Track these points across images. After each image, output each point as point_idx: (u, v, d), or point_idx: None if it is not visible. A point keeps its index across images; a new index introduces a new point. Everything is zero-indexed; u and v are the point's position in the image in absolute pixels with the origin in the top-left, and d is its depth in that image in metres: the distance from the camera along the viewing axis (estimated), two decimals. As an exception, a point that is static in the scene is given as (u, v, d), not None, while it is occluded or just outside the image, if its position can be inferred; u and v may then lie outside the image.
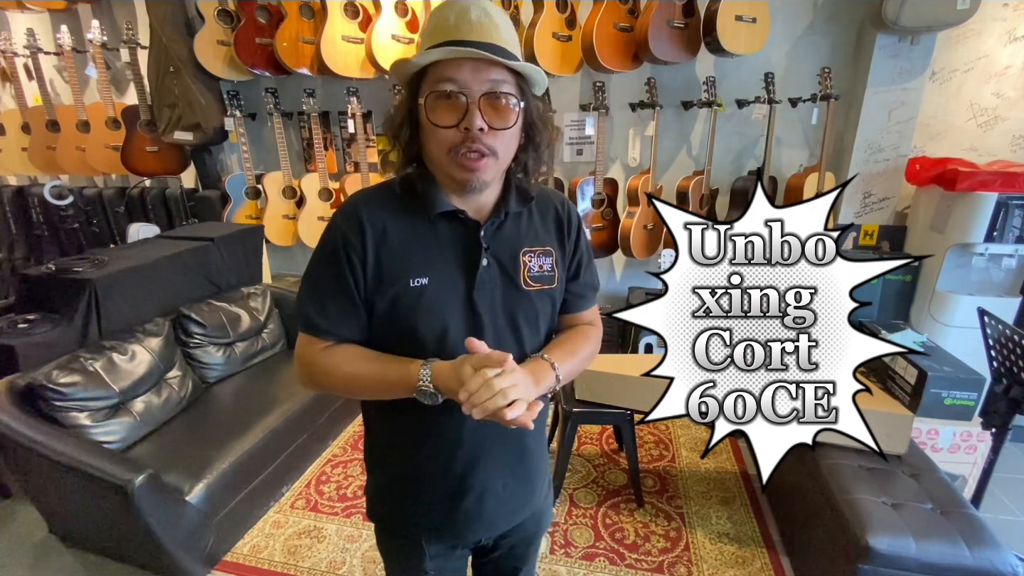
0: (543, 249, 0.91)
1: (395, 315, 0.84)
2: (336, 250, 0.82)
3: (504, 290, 0.87)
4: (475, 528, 0.96)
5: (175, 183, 3.66)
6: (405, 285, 0.82)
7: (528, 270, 0.89)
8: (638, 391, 1.99)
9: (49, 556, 1.95)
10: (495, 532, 1.00)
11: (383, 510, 1.00)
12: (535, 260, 0.90)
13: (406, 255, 0.83)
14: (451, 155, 0.78)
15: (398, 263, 0.83)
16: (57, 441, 1.68)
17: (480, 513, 0.94)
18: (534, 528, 1.07)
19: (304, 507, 2.18)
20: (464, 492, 0.91)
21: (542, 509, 1.07)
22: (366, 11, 2.94)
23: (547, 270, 0.91)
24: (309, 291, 0.87)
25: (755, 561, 1.89)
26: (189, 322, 2.37)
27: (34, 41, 3.40)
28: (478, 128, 0.76)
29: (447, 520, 0.94)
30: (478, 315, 0.85)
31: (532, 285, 0.89)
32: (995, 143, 2.66)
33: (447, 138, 0.77)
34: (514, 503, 0.98)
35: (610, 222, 3.03)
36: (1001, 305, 2.36)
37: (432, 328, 0.84)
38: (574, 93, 3.07)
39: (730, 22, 2.53)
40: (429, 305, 0.83)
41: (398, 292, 0.83)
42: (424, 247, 0.84)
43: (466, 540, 0.99)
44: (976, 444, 2.07)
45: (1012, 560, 1.39)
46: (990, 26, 2.53)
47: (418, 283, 0.83)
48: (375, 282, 0.83)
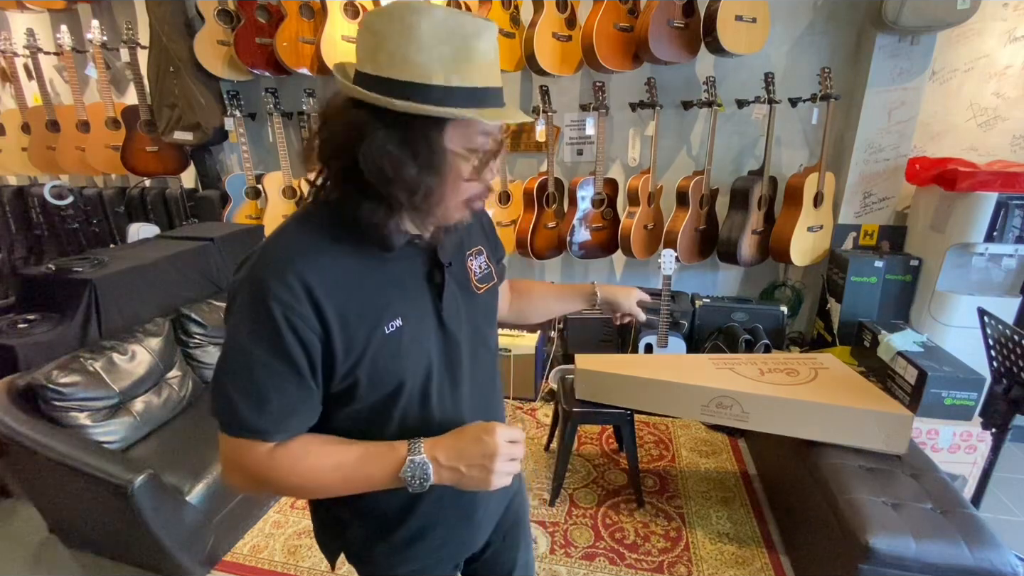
0: (477, 249, 0.89)
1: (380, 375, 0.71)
2: (276, 328, 0.63)
3: (464, 301, 0.82)
4: (484, 530, 0.95)
5: (175, 183, 3.66)
6: (382, 335, 0.70)
7: (474, 274, 0.86)
8: (638, 391, 2.00)
9: (49, 556, 1.95)
10: (493, 525, 0.98)
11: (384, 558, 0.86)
12: (475, 262, 0.88)
13: (370, 301, 0.70)
14: (466, 204, 0.72)
15: (366, 313, 0.69)
16: (57, 441, 1.68)
17: (487, 517, 0.93)
18: (519, 509, 1.07)
19: (304, 507, 2.18)
20: (475, 507, 0.88)
21: (520, 489, 1.08)
22: (366, 11, 2.94)
23: (486, 268, 0.89)
24: (238, 387, 0.66)
25: (755, 561, 1.89)
26: (189, 322, 2.37)
27: (34, 41, 3.40)
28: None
29: (462, 541, 0.91)
30: (451, 336, 0.79)
31: (481, 287, 0.87)
32: (995, 143, 2.66)
33: (471, 188, 0.70)
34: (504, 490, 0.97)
35: (610, 222, 3.03)
36: (1001, 305, 2.36)
37: (418, 370, 0.75)
38: (574, 93, 3.06)
39: (730, 22, 2.53)
40: (410, 345, 0.73)
41: (376, 347, 0.70)
42: (383, 284, 0.72)
43: (473, 548, 0.96)
44: (976, 444, 2.07)
45: (1012, 560, 1.39)
46: (990, 26, 2.53)
47: (393, 327, 0.71)
48: (346, 351, 0.68)
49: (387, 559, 0.85)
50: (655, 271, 3.06)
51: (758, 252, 2.92)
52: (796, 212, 2.74)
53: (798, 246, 2.77)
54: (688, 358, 2.30)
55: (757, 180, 2.80)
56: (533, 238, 3.04)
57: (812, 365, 2.02)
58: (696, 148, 3.06)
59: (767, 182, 2.80)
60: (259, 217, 3.33)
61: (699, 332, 2.90)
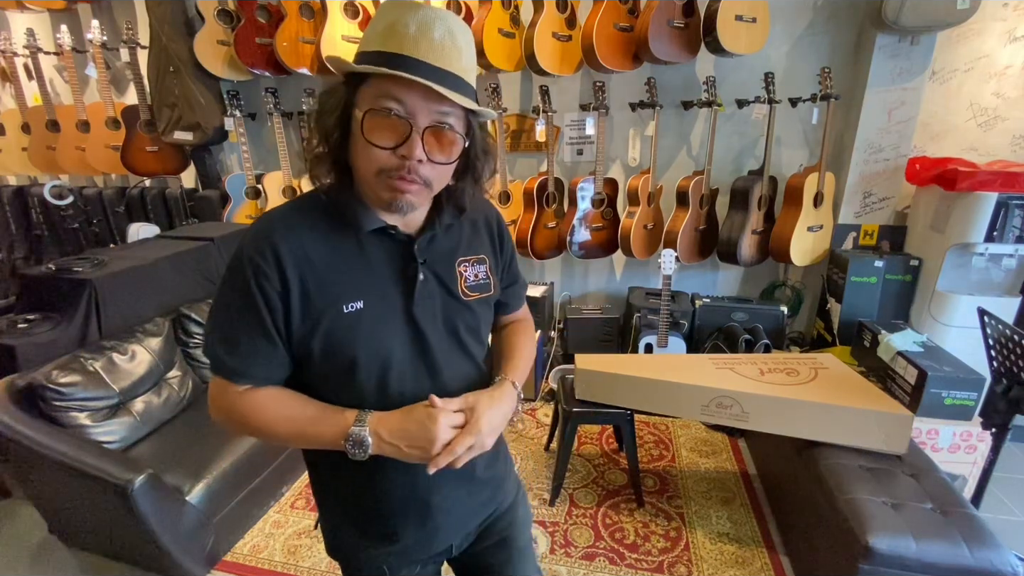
0: (477, 257, 0.90)
1: (332, 349, 0.77)
2: (247, 284, 0.73)
3: (444, 303, 0.84)
4: (445, 537, 0.94)
5: (175, 183, 3.66)
6: (338, 312, 0.76)
7: (465, 280, 0.87)
8: (638, 391, 2.00)
9: (49, 556, 1.95)
10: (465, 532, 0.97)
11: (344, 546, 0.94)
12: (471, 269, 0.88)
13: (335, 279, 0.76)
14: (380, 176, 0.73)
15: (327, 289, 0.75)
16: (57, 441, 1.68)
17: (448, 523, 0.92)
18: (508, 527, 1.02)
19: (304, 507, 2.18)
20: (430, 511, 0.88)
21: (514, 504, 1.04)
22: (366, 11, 2.94)
23: (483, 278, 0.90)
24: (217, 328, 0.78)
25: (755, 561, 1.89)
26: (189, 322, 2.37)
27: (34, 41, 3.40)
28: (417, 159, 0.71)
29: (416, 541, 0.91)
30: (421, 332, 0.81)
31: (470, 295, 0.88)
32: (995, 143, 2.66)
33: (380, 158, 0.71)
34: (479, 500, 0.96)
35: (610, 222, 3.03)
36: (1001, 305, 2.36)
37: (374, 354, 0.78)
38: (574, 93, 3.07)
39: (730, 22, 2.53)
40: (369, 329, 0.77)
41: (332, 321, 0.76)
42: (354, 268, 0.78)
43: (436, 551, 0.95)
44: (976, 444, 2.07)
45: (1012, 560, 1.39)
46: (990, 26, 2.53)
47: (352, 307, 0.76)
48: (302, 316, 0.75)
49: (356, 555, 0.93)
50: (655, 271, 3.06)
51: (758, 252, 2.92)
52: (796, 212, 2.74)
53: (798, 246, 2.77)
54: (688, 358, 2.30)
55: (757, 180, 2.80)
56: (533, 238, 3.04)
57: (812, 365, 2.02)
58: (696, 148, 3.06)
59: (767, 182, 2.80)
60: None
61: (699, 332, 2.90)
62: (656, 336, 2.74)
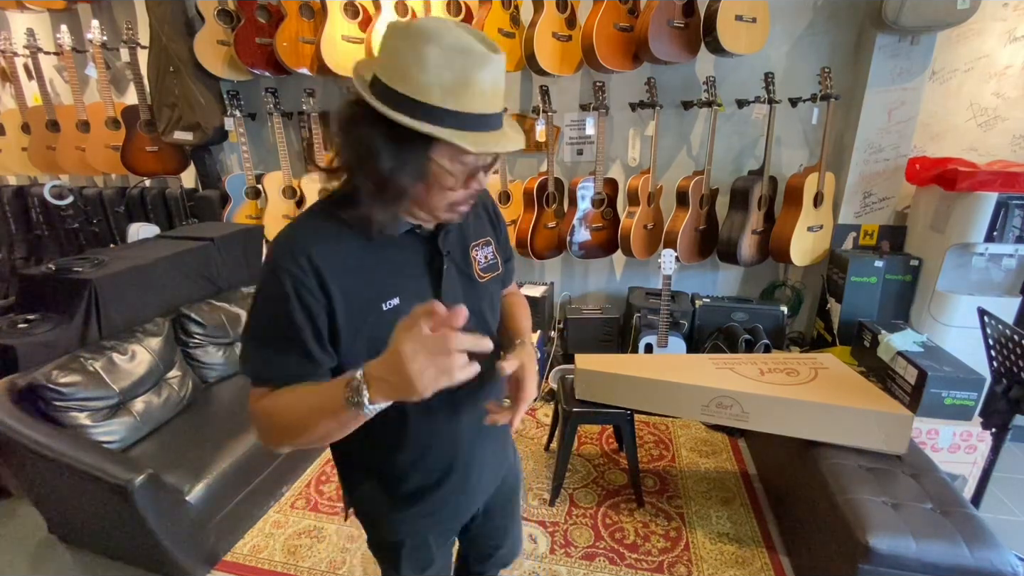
0: (484, 240, 0.97)
1: (378, 346, 0.71)
2: (286, 298, 0.74)
3: (464, 288, 0.90)
4: (477, 501, 1.05)
5: (175, 183, 3.66)
6: (379, 312, 0.80)
7: (479, 264, 0.94)
8: (638, 391, 2.00)
9: (49, 556, 1.95)
10: (487, 496, 1.08)
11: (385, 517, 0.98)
12: (481, 252, 0.95)
13: (369, 281, 0.80)
14: (450, 207, 0.80)
15: (365, 292, 0.79)
16: (57, 441, 1.68)
17: (480, 486, 1.02)
18: (513, 481, 1.16)
19: (304, 507, 2.18)
20: (470, 469, 0.97)
21: (513, 461, 1.16)
22: (366, 11, 2.94)
23: (491, 259, 0.97)
24: (253, 346, 0.79)
25: (755, 561, 1.89)
26: (189, 322, 2.37)
27: (34, 41, 3.40)
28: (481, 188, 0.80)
29: (456, 506, 1.00)
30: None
31: (484, 276, 0.94)
32: (995, 143, 2.66)
33: (454, 196, 0.78)
34: (498, 461, 1.08)
35: (610, 222, 3.03)
36: (1001, 305, 2.36)
37: None
38: (574, 93, 3.06)
39: (730, 22, 2.53)
40: None
41: (374, 321, 0.79)
42: (386, 268, 0.82)
43: (464, 520, 1.06)
44: (976, 444, 2.07)
45: (1012, 560, 1.39)
46: (990, 26, 2.52)
47: (390, 305, 0.81)
48: (347, 321, 0.78)
49: (390, 520, 0.97)
50: (655, 271, 3.06)
51: (758, 252, 2.92)
52: (796, 212, 2.74)
53: (798, 246, 2.77)
54: (688, 358, 2.30)
55: (757, 180, 2.80)
56: (533, 238, 3.04)
57: (812, 365, 2.02)
58: (696, 148, 3.06)
59: (767, 182, 2.80)
60: (259, 217, 3.33)
61: (699, 332, 2.90)
62: (656, 336, 2.74)
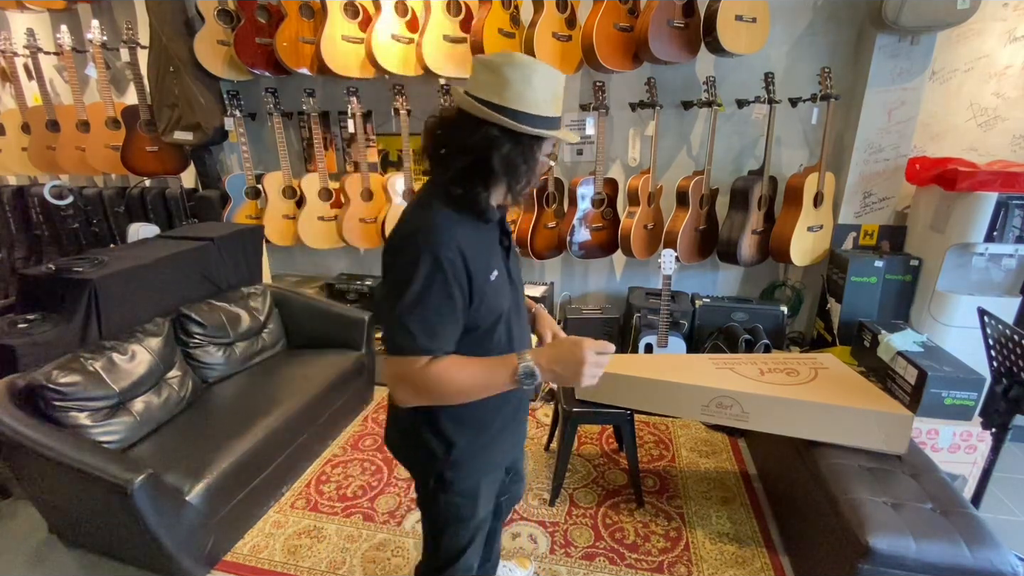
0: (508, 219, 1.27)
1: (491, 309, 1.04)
2: (447, 281, 0.94)
3: (513, 261, 1.15)
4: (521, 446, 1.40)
5: (175, 183, 3.65)
6: (489, 282, 1.02)
7: (512, 239, 1.17)
8: (638, 391, 2.00)
9: (49, 556, 1.95)
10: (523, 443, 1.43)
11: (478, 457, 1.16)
12: (508, 226, 1.18)
13: (484, 258, 1.02)
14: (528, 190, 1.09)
15: (483, 268, 1.01)
16: (57, 441, 1.68)
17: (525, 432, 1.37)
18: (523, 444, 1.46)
19: (304, 507, 2.18)
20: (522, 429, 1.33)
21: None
22: (366, 11, 2.94)
23: (509, 230, 1.18)
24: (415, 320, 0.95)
25: (755, 561, 1.89)
26: (189, 322, 2.37)
27: (34, 41, 3.40)
28: None
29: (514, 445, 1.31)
30: (515, 285, 1.15)
31: (516, 248, 1.20)
32: (995, 143, 2.66)
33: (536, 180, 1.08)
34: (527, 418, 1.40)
35: (610, 222, 3.03)
36: (1001, 305, 2.36)
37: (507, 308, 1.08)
38: (574, 93, 3.06)
39: (730, 22, 2.53)
40: (504, 290, 1.08)
41: (488, 290, 1.02)
42: (487, 246, 1.05)
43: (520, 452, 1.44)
44: (976, 444, 2.07)
45: (1012, 560, 1.39)
46: (990, 26, 2.53)
47: (494, 275, 1.04)
48: (476, 291, 0.99)
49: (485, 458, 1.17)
50: (655, 271, 3.06)
51: (758, 252, 2.92)
52: (796, 212, 2.74)
53: (798, 246, 2.77)
54: (688, 358, 2.30)
55: (757, 180, 2.80)
56: (533, 238, 3.04)
57: (812, 365, 2.02)
58: (696, 148, 3.06)
59: (767, 182, 2.80)
60: (259, 217, 3.33)
61: (699, 332, 2.90)
62: (656, 336, 2.74)
